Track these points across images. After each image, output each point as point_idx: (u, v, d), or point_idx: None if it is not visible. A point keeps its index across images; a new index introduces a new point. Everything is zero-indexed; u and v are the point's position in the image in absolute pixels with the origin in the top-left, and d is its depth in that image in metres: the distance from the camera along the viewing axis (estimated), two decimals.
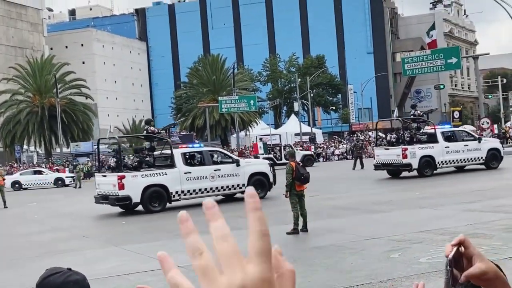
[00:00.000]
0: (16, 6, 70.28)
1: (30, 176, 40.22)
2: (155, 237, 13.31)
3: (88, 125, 56.90)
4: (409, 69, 39.94)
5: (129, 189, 17.74)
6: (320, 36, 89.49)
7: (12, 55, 67.96)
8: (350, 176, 28.60)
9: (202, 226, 0.51)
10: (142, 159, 19.15)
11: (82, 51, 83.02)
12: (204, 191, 18.82)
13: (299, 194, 12.43)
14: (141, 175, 18.19)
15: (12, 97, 55.24)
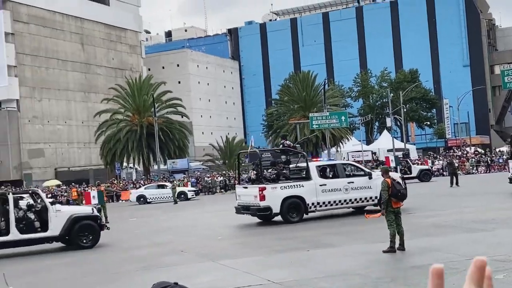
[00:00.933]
0: (116, 29, 73.62)
1: (154, 190, 41.05)
2: (252, 252, 13.47)
3: (184, 143, 58.41)
4: (509, 81, 38.28)
5: (270, 200, 18.58)
6: (413, 49, 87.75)
7: (112, 76, 71.08)
8: (447, 193, 27.73)
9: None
10: (280, 172, 19.92)
11: (178, 71, 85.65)
12: (338, 203, 19.46)
13: (396, 211, 12.19)
14: (280, 187, 18.96)
15: (112, 117, 57.65)
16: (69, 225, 15.96)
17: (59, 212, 16.12)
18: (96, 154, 61.99)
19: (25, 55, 62.61)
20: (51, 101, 64.84)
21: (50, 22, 65.47)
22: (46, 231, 15.88)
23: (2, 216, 15.60)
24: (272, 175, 19.84)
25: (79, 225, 16.14)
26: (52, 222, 15.82)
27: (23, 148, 61.27)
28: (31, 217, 15.99)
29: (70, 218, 16.06)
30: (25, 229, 15.67)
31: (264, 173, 20.26)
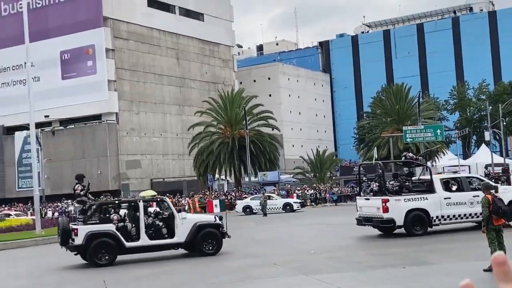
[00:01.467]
0: (209, 44, 75.35)
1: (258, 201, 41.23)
2: (346, 267, 13.29)
3: (274, 155, 58.71)
4: None
5: (393, 212, 18.53)
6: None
7: (205, 89, 72.71)
8: None
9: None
10: (403, 184, 19.81)
11: (269, 84, 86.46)
12: (463, 216, 19.12)
13: (497, 229, 11.69)
14: (403, 199, 18.86)
15: (205, 129, 58.88)
16: (194, 232, 16.51)
17: (185, 220, 16.76)
18: (190, 166, 63.46)
19: (124, 70, 65.23)
20: (148, 114, 67.14)
21: (148, 38, 67.95)
22: (173, 238, 16.54)
23: (133, 222, 16.36)
24: (394, 187, 19.68)
25: (203, 232, 16.66)
26: (178, 229, 16.47)
27: (121, 159, 63.70)
28: (159, 224, 16.70)
29: (195, 226, 16.60)
30: (153, 235, 16.43)
31: (387, 185, 20.08)
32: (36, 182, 30.16)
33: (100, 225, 16.02)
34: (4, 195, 65.18)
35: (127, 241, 16.01)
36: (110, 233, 15.84)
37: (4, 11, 69.10)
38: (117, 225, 16.08)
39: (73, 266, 16.66)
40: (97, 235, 15.71)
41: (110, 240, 15.76)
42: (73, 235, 15.78)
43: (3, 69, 68.53)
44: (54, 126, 65.36)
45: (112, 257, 15.86)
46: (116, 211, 16.60)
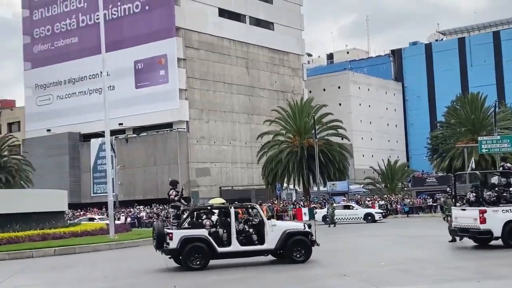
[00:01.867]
0: (279, 53, 75.59)
1: (340, 210, 40.95)
2: (416, 280, 12.92)
3: (344, 165, 58.05)
4: None
5: (491, 223, 18.01)
6: None
7: (274, 98, 72.93)
8: None
9: None
10: (500, 194, 19.32)
11: (339, 93, 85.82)
12: None
13: None
14: (502, 210, 18.35)
15: (274, 138, 58.95)
16: (284, 239, 16.58)
17: (275, 227, 16.83)
18: (258, 174, 63.69)
19: (195, 79, 66.33)
20: (217, 123, 67.94)
21: (218, 48, 68.88)
22: (263, 244, 16.62)
23: (224, 228, 16.57)
24: (492, 198, 19.09)
25: (293, 240, 16.69)
26: (268, 235, 16.54)
27: (191, 167, 64.69)
28: (249, 230, 16.84)
29: (284, 233, 16.65)
30: (244, 241, 16.59)
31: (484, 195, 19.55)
32: (110, 188, 30.94)
33: (193, 230, 16.34)
34: (80, 200, 67.39)
35: (218, 246, 16.24)
36: (203, 238, 16.10)
37: (82, 22, 71.74)
38: (210, 230, 16.36)
39: (146, 270, 16.96)
40: (191, 240, 15.92)
41: (203, 245, 15.98)
42: (168, 239, 16.15)
43: (81, 78, 71.04)
44: (128, 133, 67.14)
45: (204, 262, 16.10)
46: (208, 216, 16.88)
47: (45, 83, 74.25)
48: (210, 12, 68.46)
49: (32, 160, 65.52)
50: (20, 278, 16.36)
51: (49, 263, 20.34)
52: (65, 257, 22.37)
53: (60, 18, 73.58)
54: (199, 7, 67.18)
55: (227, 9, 70.42)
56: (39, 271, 18.29)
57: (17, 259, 21.93)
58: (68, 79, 72.37)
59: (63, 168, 70.01)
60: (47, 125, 69.01)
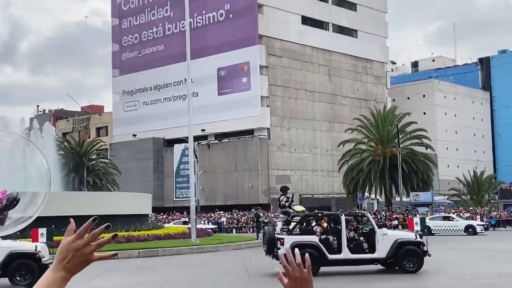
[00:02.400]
0: (362, 60, 74.70)
1: (440, 221, 40.29)
2: None
3: (428, 175, 56.46)
4: None
5: None
6: None
7: (357, 106, 72.03)
8: None
9: None
10: None
11: (423, 102, 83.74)
12: None
13: None
14: None
15: (355, 146, 58.17)
16: (395, 248, 16.53)
17: (386, 236, 16.87)
18: (339, 183, 63.02)
19: (277, 86, 66.54)
20: (298, 130, 67.82)
21: (301, 55, 68.84)
22: (373, 253, 16.65)
23: (335, 236, 16.68)
24: None
25: (404, 249, 16.64)
26: (379, 244, 16.57)
27: (271, 174, 64.84)
28: (360, 239, 16.91)
29: (396, 242, 16.63)
30: (354, 249, 16.65)
31: None
32: (192, 192, 31.49)
33: (304, 236, 16.52)
34: (163, 204, 68.95)
35: (329, 253, 16.30)
36: (314, 244, 16.23)
37: (168, 30, 73.61)
38: (320, 237, 16.45)
39: (226, 273, 17.08)
40: (302, 246, 15.94)
41: (313, 251, 15.98)
42: (279, 244, 16.26)
43: (165, 85, 72.84)
44: (210, 139, 68.16)
45: (315, 268, 15.98)
46: (318, 223, 17.06)
47: (131, 89, 76.64)
48: (293, 20, 68.58)
49: (118, 163, 67.66)
50: (107, 278, 16.87)
51: (134, 264, 20.87)
52: (148, 259, 22.90)
53: (147, 27, 75.82)
54: (282, 15, 67.43)
55: (310, 17, 70.34)
56: (124, 272, 18.79)
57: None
58: (154, 86, 74.37)
59: (147, 172, 71.89)
60: (133, 130, 71.23)
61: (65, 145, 64.24)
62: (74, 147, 63.97)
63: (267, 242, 16.71)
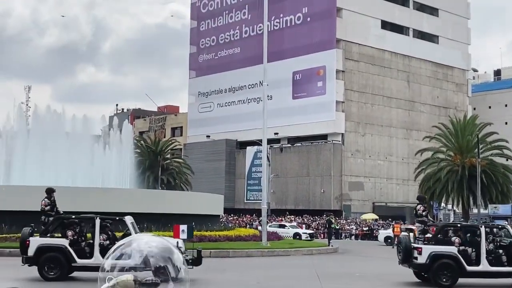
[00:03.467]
0: (443, 67, 72.65)
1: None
2: None
3: (508, 188, 54.09)
4: None
5: None
6: None
7: (435, 114, 70.09)
8: None
9: None
10: None
11: (506, 112, 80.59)
12: None
13: None
14: None
15: (433, 155, 56.50)
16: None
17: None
18: (414, 192, 61.34)
19: (353, 91, 65.60)
20: (374, 137, 66.60)
21: (379, 60, 67.61)
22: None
23: (473, 247, 16.48)
24: None
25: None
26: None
27: (344, 180, 63.96)
28: (499, 251, 16.64)
29: None
30: (493, 261, 16.38)
31: None
32: (264, 195, 31.29)
33: (442, 246, 16.41)
34: (233, 205, 69.28)
35: (467, 265, 16.16)
36: (453, 255, 16.14)
37: (245, 33, 74.01)
38: (459, 248, 16.38)
39: (297, 278, 16.74)
40: (440, 256, 15.99)
41: (452, 262, 15.98)
42: (416, 253, 16.29)
43: (240, 87, 73.27)
44: (282, 143, 67.97)
45: (453, 279, 16.00)
46: (457, 234, 16.85)
47: (207, 91, 77.55)
48: (372, 24, 67.49)
49: (191, 164, 68.56)
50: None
51: (205, 264, 20.81)
52: (219, 259, 22.82)
53: (225, 29, 76.54)
54: (362, 19, 66.46)
55: (390, 21, 69.02)
56: (195, 271, 18.70)
57: None
58: (229, 88, 74.96)
59: (219, 173, 72.48)
60: (206, 131, 71.97)
61: (142, 143, 65.60)
62: (150, 146, 65.25)
63: (403, 251, 16.67)
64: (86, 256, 15.73)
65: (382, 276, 18.82)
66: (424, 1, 71.95)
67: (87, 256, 15.70)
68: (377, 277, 18.47)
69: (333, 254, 30.15)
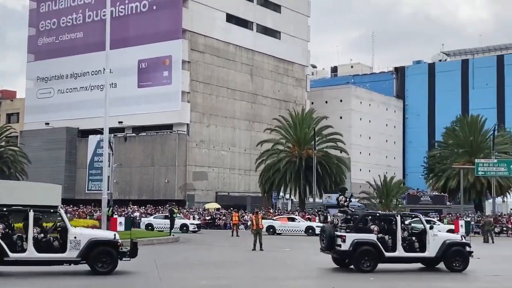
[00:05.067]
0: (284, 62, 75.65)
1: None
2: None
3: (341, 178, 57.94)
4: None
5: None
6: None
7: (276, 107, 72.89)
8: None
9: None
10: None
11: (341, 107, 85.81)
12: None
13: None
14: None
15: (273, 147, 58.86)
16: (444, 249, 17.48)
17: (436, 237, 17.80)
18: (255, 182, 63.57)
19: (198, 82, 66.25)
20: (218, 128, 67.85)
21: (224, 53, 68.86)
22: (424, 252, 17.63)
23: (390, 235, 17.56)
24: None
25: (452, 250, 17.65)
26: (430, 244, 17.58)
27: (188, 170, 64.54)
28: (412, 238, 17.87)
29: (445, 243, 17.59)
30: (407, 248, 17.60)
31: None
32: (105, 185, 30.75)
33: (363, 234, 17.32)
34: (74, 196, 67.17)
35: (385, 251, 17.19)
36: (373, 242, 17.13)
37: (88, 17, 71.71)
38: (377, 235, 17.32)
39: (134, 266, 16.80)
40: (362, 243, 17.01)
41: (372, 249, 17.05)
42: (340, 241, 17.09)
43: (83, 73, 70.97)
44: (127, 132, 66.94)
45: (374, 265, 17.07)
46: (375, 222, 17.84)
47: (47, 76, 74.16)
48: (218, 16, 68.49)
49: (29, 152, 65.39)
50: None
51: None
52: None
53: (67, 12, 73.54)
54: (208, 11, 67.19)
55: (235, 15, 70.46)
56: None
57: None
58: (70, 74, 72.28)
59: (59, 162, 69.84)
60: (46, 118, 68.71)
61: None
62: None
63: (327, 238, 17.51)
64: (18, 250, 15.08)
65: (218, 263, 19.47)
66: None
67: (19, 250, 15.07)
68: (214, 264, 19.09)
69: (174, 243, 30.50)
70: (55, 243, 15.68)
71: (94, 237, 15.77)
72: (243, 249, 26.41)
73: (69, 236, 15.46)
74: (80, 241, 15.43)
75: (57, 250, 15.57)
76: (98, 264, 15.51)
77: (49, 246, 15.57)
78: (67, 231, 15.57)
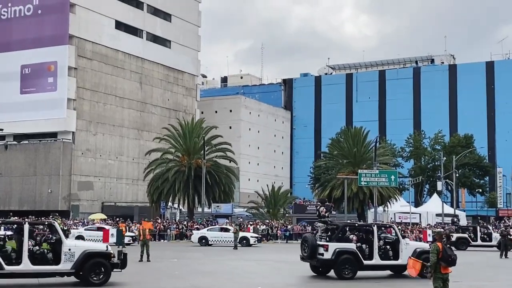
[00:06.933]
0: (174, 71, 75.36)
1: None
2: None
3: (230, 188, 58.47)
4: None
5: None
6: (469, 115, 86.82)
7: (166, 116, 72.41)
8: (496, 264, 26.76)
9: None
10: None
11: (230, 117, 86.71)
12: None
13: (444, 278, 11.78)
14: None
15: (162, 156, 58.38)
16: (417, 256, 17.45)
17: (408, 245, 18.76)
18: (143, 192, 62.70)
19: (85, 89, 64.49)
20: (105, 136, 66.31)
21: (112, 60, 67.53)
22: (397, 260, 18.56)
23: (366, 244, 18.51)
24: None
25: (424, 257, 17.32)
26: (403, 253, 18.40)
27: (73, 179, 62.52)
28: (387, 247, 18.82)
29: (415, 251, 18.23)
30: (383, 256, 18.54)
31: None
32: None
33: (344, 243, 18.20)
34: None
35: (364, 259, 18.02)
36: (353, 251, 18.00)
37: None
38: (356, 244, 18.20)
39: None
40: (343, 252, 17.89)
41: (352, 257, 17.95)
42: (322, 250, 17.80)
43: None
44: (8, 140, 63.91)
45: (353, 272, 17.92)
46: (353, 232, 18.71)
47: None
48: (106, 23, 67.09)
49: None
50: None
51: None
52: None
53: None
54: (96, 17, 65.67)
55: (124, 22, 69.32)
56: None
57: None
58: None
59: None
60: None
61: None
62: None
63: (309, 248, 18.11)
64: (13, 262, 14.68)
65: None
66: (158, 5, 73.79)
67: (14, 263, 14.68)
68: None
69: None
70: (49, 255, 15.55)
71: (88, 249, 15.82)
72: (130, 260, 25.92)
73: (64, 248, 15.33)
74: (74, 253, 15.38)
75: (52, 262, 15.48)
76: (92, 276, 15.53)
77: (43, 258, 15.47)
78: (62, 243, 15.42)
